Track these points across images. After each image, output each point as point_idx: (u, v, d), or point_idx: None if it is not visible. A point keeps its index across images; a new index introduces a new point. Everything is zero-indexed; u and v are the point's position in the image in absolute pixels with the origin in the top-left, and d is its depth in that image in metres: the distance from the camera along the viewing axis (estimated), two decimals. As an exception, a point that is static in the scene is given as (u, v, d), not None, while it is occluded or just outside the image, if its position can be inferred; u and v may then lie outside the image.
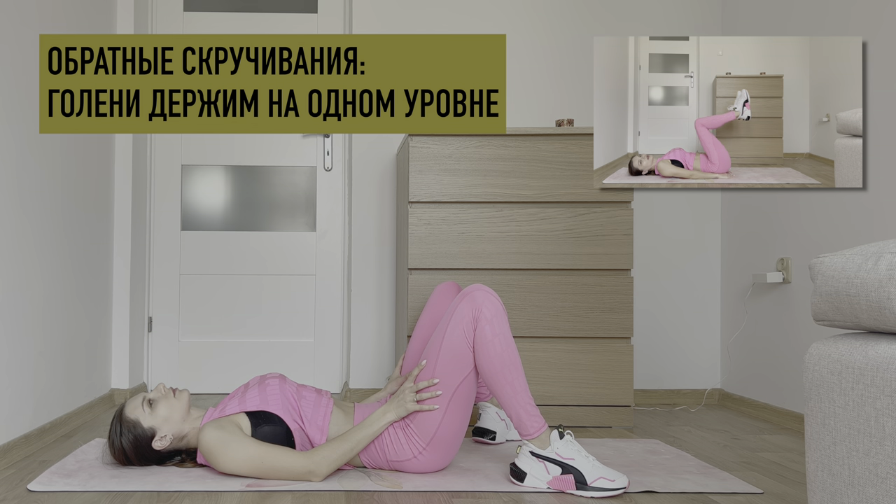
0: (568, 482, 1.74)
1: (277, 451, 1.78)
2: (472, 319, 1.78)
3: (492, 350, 1.77)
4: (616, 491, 1.72)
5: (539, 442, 1.77)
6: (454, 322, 1.80)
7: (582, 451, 1.77)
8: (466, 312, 1.79)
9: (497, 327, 1.78)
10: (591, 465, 1.74)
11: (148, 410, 1.87)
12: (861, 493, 1.06)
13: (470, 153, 2.51)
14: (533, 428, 1.77)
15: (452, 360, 1.79)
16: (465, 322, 1.79)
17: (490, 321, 1.78)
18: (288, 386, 1.93)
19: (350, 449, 1.80)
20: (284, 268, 3.19)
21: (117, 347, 2.90)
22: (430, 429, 1.81)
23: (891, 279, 1.03)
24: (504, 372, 1.76)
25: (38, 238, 2.21)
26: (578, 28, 3.06)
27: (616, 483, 1.72)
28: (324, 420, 1.88)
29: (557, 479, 1.75)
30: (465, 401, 1.83)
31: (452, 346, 1.79)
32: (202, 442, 1.79)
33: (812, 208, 2.47)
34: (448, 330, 1.80)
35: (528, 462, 1.78)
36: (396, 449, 1.84)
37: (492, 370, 1.77)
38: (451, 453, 1.87)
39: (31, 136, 2.15)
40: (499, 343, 1.77)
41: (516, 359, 1.79)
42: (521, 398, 1.77)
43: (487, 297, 1.80)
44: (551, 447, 1.76)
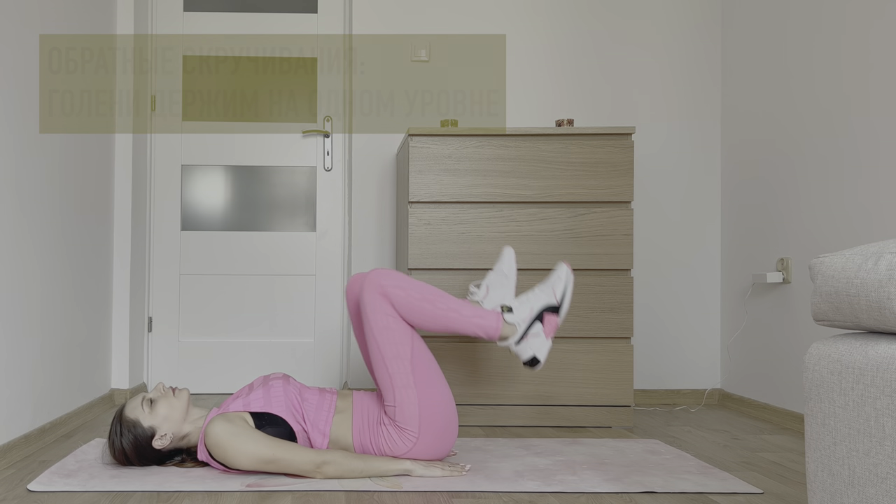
0: (551, 321, 1.88)
1: (287, 445, 1.79)
2: (381, 297, 1.84)
3: (415, 303, 1.84)
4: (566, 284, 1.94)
5: (508, 331, 1.88)
6: (370, 312, 1.85)
7: (531, 297, 1.92)
8: (372, 296, 1.85)
9: (402, 283, 1.85)
10: (545, 293, 1.92)
11: (147, 410, 1.87)
12: (861, 493, 1.06)
13: (470, 153, 2.51)
14: (494, 329, 1.87)
15: (392, 343, 1.85)
16: (377, 303, 1.84)
17: (394, 285, 1.84)
18: (291, 387, 1.94)
19: (360, 470, 1.81)
20: (284, 268, 3.19)
21: (117, 347, 2.90)
22: (412, 411, 1.85)
23: (891, 279, 1.03)
24: (438, 310, 1.85)
25: (38, 238, 2.21)
26: (579, 28, 3.06)
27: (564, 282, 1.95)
28: (325, 424, 1.89)
29: (546, 328, 1.89)
30: (426, 368, 1.87)
31: (383, 331, 1.85)
32: (210, 434, 1.78)
33: (812, 208, 2.47)
34: (371, 322, 1.85)
35: (524, 348, 1.89)
36: (391, 446, 1.87)
37: (428, 317, 1.85)
38: (447, 435, 1.90)
39: (30, 137, 2.15)
40: (415, 292, 1.85)
41: (436, 291, 1.87)
42: (465, 315, 1.87)
43: (376, 273, 1.87)
44: (517, 326, 1.89)
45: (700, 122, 3.07)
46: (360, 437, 1.90)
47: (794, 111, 2.57)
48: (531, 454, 2.10)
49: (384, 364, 1.85)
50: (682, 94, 3.07)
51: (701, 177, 3.06)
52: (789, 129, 2.60)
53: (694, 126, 3.07)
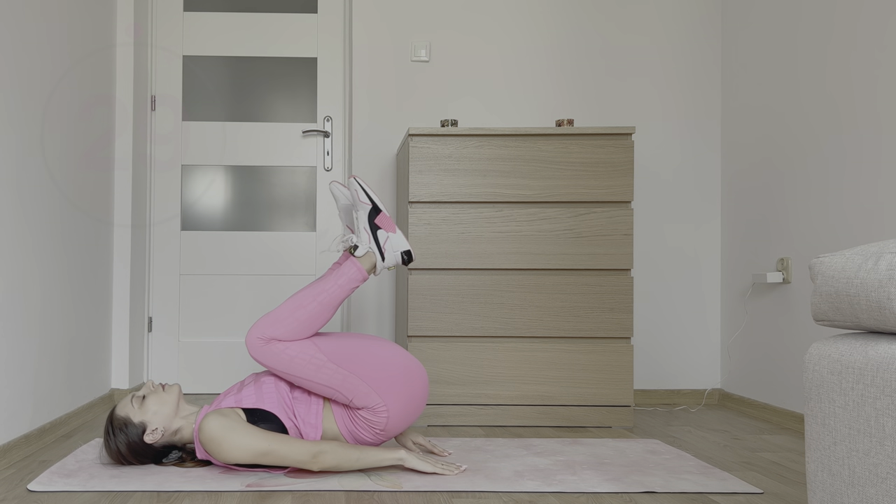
0: (382, 219, 2.00)
1: (282, 437, 1.80)
2: (265, 345, 1.88)
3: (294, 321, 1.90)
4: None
5: (369, 260, 1.97)
6: (270, 364, 1.89)
7: (356, 223, 2.01)
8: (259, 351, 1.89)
9: (272, 318, 1.90)
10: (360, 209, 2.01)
11: (137, 406, 1.88)
12: (861, 493, 1.06)
13: (470, 153, 2.51)
14: (358, 271, 1.96)
15: (304, 365, 1.88)
16: (267, 352, 1.88)
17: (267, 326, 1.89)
18: (282, 384, 1.95)
19: (356, 459, 1.82)
20: (284, 268, 3.19)
21: (117, 347, 2.90)
22: (364, 391, 1.88)
23: (891, 279, 1.03)
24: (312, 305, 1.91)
25: (39, 238, 2.21)
26: (579, 28, 3.06)
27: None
28: (316, 418, 1.90)
29: (384, 226, 2.00)
30: (343, 352, 1.90)
31: (290, 364, 1.88)
32: (204, 430, 1.79)
33: (812, 208, 2.47)
34: (278, 369, 1.89)
35: (391, 258, 1.99)
36: (371, 424, 1.91)
37: (312, 318, 1.91)
38: (411, 383, 1.93)
39: (31, 137, 2.15)
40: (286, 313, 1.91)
41: (297, 296, 1.93)
42: (331, 286, 1.94)
43: (249, 333, 1.90)
44: (370, 251, 1.98)
45: (700, 122, 3.07)
46: (346, 426, 1.93)
47: (794, 111, 2.57)
48: (531, 454, 2.10)
49: (315, 382, 1.88)
50: (682, 93, 3.06)
51: (701, 177, 3.06)
52: (789, 129, 2.60)
53: (694, 126, 3.07)
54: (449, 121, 2.59)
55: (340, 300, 1.95)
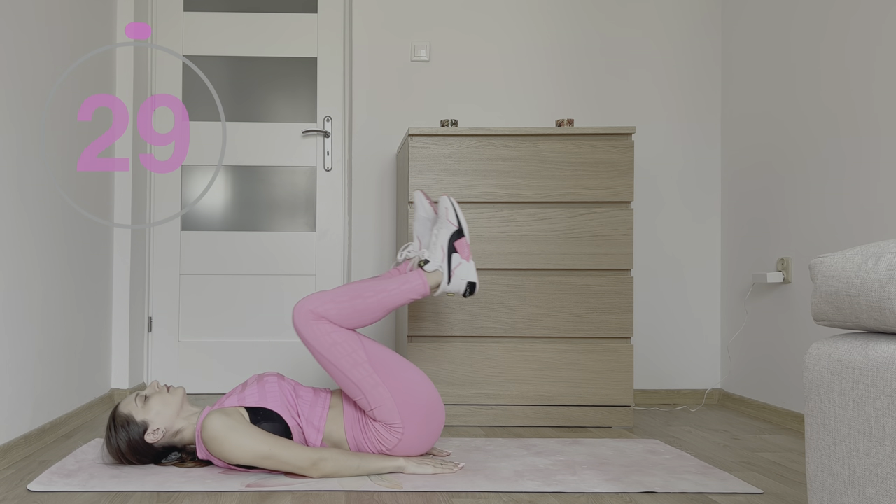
0: (462, 245, 1.99)
1: (283, 442, 1.79)
2: (314, 321, 1.87)
3: (348, 307, 1.89)
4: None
5: (436, 278, 1.97)
6: (312, 340, 1.88)
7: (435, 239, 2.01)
8: (307, 325, 1.88)
9: (328, 297, 1.89)
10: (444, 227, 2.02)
11: (140, 405, 1.89)
12: (861, 493, 1.06)
13: (470, 153, 2.51)
14: (422, 285, 1.95)
15: (344, 355, 1.87)
16: (314, 329, 1.87)
17: (322, 303, 1.88)
18: (286, 384, 1.95)
19: (356, 467, 1.83)
20: (284, 268, 3.19)
21: (117, 347, 2.90)
22: (389, 406, 1.87)
23: (891, 279, 1.03)
24: (370, 300, 1.90)
25: (39, 238, 2.21)
26: (579, 28, 3.06)
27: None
28: (320, 420, 1.90)
29: (461, 253, 1.98)
30: (385, 362, 1.90)
31: (331, 349, 1.87)
32: (207, 428, 1.79)
33: (812, 208, 2.47)
34: (317, 347, 1.88)
35: (456, 283, 1.99)
36: (381, 440, 1.89)
37: (366, 311, 1.90)
38: (432, 419, 1.92)
39: (31, 137, 2.15)
40: (343, 297, 1.90)
41: (358, 284, 1.93)
42: (393, 290, 1.93)
43: (301, 303, 1.89)
44: (440, 270, 1.97)
45: (700, 122, 3.07)
46: (353, 434, 1.92)
47: (794, 111, 2.57)
48: (531, 454, 2.10)
49: (347, 377, 1.88)
50: (682, 93, 3.06)
51: (701, 177, 3.06)
52: (789, 130, 2.60)
53: (694, 126, 3.07)
54: (449, 121, 2.59)
55: (396, 306, 1.94)
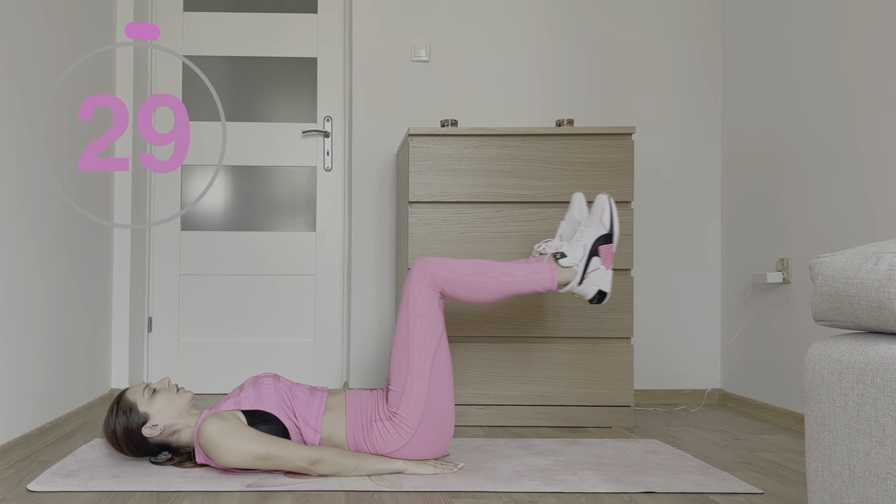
0: (607, 251, 1.91)
1: (281, 442, 1.79)
2: (429, 286, 1.85)
3: (469, 280, 1.85)
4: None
5: (567, 275, 1.89)
6: (412, 298, 1.86)
7: (581, 235, 1.93)
8: (419, 283, 1.86)
9: (451, 266, 1.86)
10: (593, 227, 1.93)
11: (147, 397, 1.89)
12: (861, 494, 1.06)
13: (470, 153, 2.51)
14: (549, 280, 1.88)
15: (422, 332, 1.85)
16: (422, 291, 1.85)
17: (444, 269, 1.85)
18: (282, 385, 1.95)
19: (355, 467, 1.82)
20: (284, 268, 3.19)
21: (117, 347, 2.90)
22: (417, 404, 1.85)
23: (891, 279, 1.03)
24: (492, 279, 1.86)
25: (39, 238, 2.21)
26: (579, 28, 3.06)
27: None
28: (316, 420, 1.89)
29: (603, 259, 1.90)
30: (442, 370, 1.88)
31: (419, 318, 1.85)
32: (203, 433, 1.79)
33: (812, 208, 2.47)
34: (410, 306, 1.86)
35: (587, 287, 1.91)
36: (386, 441, 1.87)
37: (485, 289, 1.86)
38: (441, 438, 1.90)
39: (31, 136, 2.15)
40: (466, 269, 1.86)
41: (484, 262, 1.88)
42: (519, 276, 1.88)
43: (424, 260, 1.88)
44: (574, 268, 1.89)
45: (700, 122, 3.06)
46: (354, 433, 1.90)
47: (794, 111, 2.57)
48: (531, 454, 2.10)
49: (408, 349, 1.86)
50: (682, 93, 3.06)
51: (701, 176, 3.06)
52: (789, 129, 2.60)
53: (694, 126, 3.07)
54: (449, 121, 2.59)
55: (517, 293, 1.90)
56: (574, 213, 2.08)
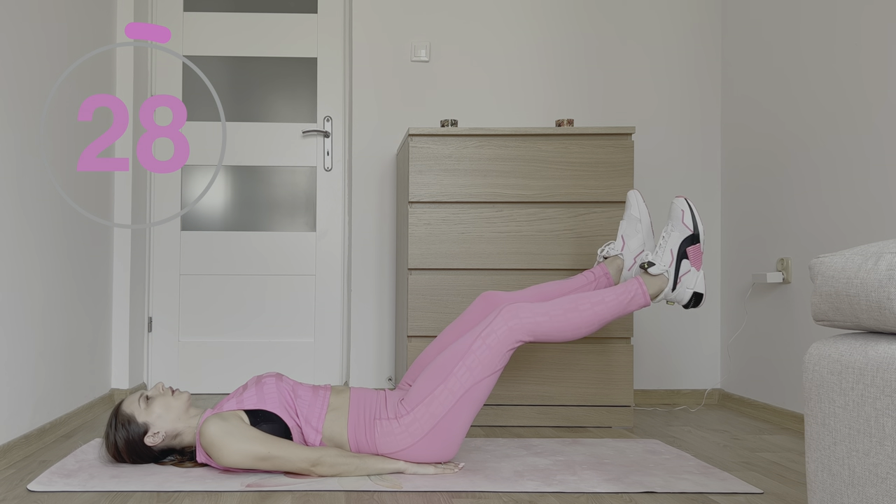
0: (695, 252, 1.88)
1: (282, 442, 1.79)
2: (513, 330, 1.81)
3: (562, 320, 1.81)
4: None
5: (658, 284, 1.86)
6: (491, 336, 1.81)
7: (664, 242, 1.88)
8: (504, 326, 1.81)
9: (540, 310, 1.81)
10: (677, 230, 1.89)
11: (144, 406, 1.89)
12: (861, 494, 1.06)
13: (470, 153, 2.51)
14: (642, 295, 1.85)
15: (479, 362, 1.81)
16: (504, 333, 1.80)
17: (534, 314, 1.81)
18: (284, 384, 1.94)
19: (356, 467, 1.82)
20: (284, 268, 3.19)
21: (117, 347, 2.90)
22: (436, 412, 1.82)
23: (891, 279, 1.03)
24: (585, 312, 1.82)
25: (39, 238, 2.21)
26: (578, 28, 3.06)
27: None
28: (318, 419, 1.89)
29: (693, 261, 1.88)
30: (475, 401, 1.85)
31: (486, 350, 1.81)
32: (205, 434, 1.79)
33: (812, 208, 2.47)
34: (483, 337, 1.82)
35: (681, 292, 1.89)
36: (388, 440, 1.85)
37: (581, 324, 1.82)
38: (449, 449, 1.88)
39: (31, 137, 2.15)
40: (557, 310, 1.82)
41: (571, 298, 1.83)
42: (610, 301, 1.83)
43: (517, 307, 1.83)
44: (665, 276, 1.86)
45: (700, 122, 3.07)
46: (356, 432, 1.88)
47: (794, 111, 2.57)
48: (531, 454, 2.10)
49: (455, 364, 1.82)
50: (682, 93, 3.07)
51: (701, 176, 3.06)
52: (790, 129, 2.60)
53: (694, 126, 3.07)
54: (449, 121, 2.59)
55: (611, 319, 1.84)
56: (632, 210, 2.05)
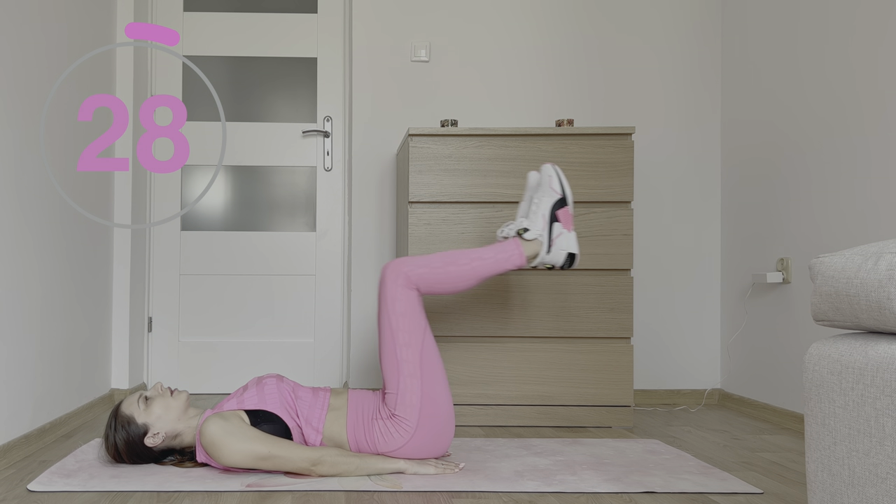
0: (565, 214, 1.95)
1: (282, 442, 1.79)
2: (404, 285, 1.86)
3: (441, 272, 1.88)
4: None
5: (534, 248, 1.93)
6: (390, 299, 1.87)
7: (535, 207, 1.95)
8: (394, 284, 1.87)
9: (422, 261, 1.89)
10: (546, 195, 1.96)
11: (143, 407, 1.89)
12: (861, 494, 1.06)
13: (470, 153, 2.51)
14: (518, 255, 1.92)
15: (406, 330, 1.86)
16: (399, 291, 1.86)
17: (416, 265, 1.87)
18: (285, 385, 1.95)
19: (356, 467, 1.82)
20: (284, 268, 3.19)
21: (117, 347, 2.90)
22: (413, 401, 1.85)
23: (891, 279, 1.03)
24: (464, 266, 1.89)
25: (38, 238, 2.21)
26: (578, 28, 3.06)
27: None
28: (318, 420, 1.89)
29: (563, 223, 1.94)
30: (433, 364, 1.89)
31: (401, 317, 1.86)
32: (205, 433, 1.79)
33: (812, 208, 2.47)
34: (390, 307, 1.87)
35: (556, 254, 1.94)
36: (386, 440, 1.87)
37: (459, 278, 1.89)
38: (442, 435, 1.90)
39: (30, 136, 2.15)
40: (437, 262, 1.89)
41: (453, 252, 1.92)
42: (488, 258, 1.90)
43: (396, 262, 1.90)
44: (539, 239, 1.94)
45: (700, 122, 3.07)
46: (355, 433, 1.90)
47: (794, 111, 2.57)
48: (531, 454, 2.10)
49: (395, 350, 1.87)
50: (682, 93, 3.06)
51: (701, 176, 3.06)
52: (790, 129, 2.60)
53: (694, 126, 3.07)
54: (449, 121, 2.59)
55: (490, 275, 1.92)
56: (529, 192, 2.12)
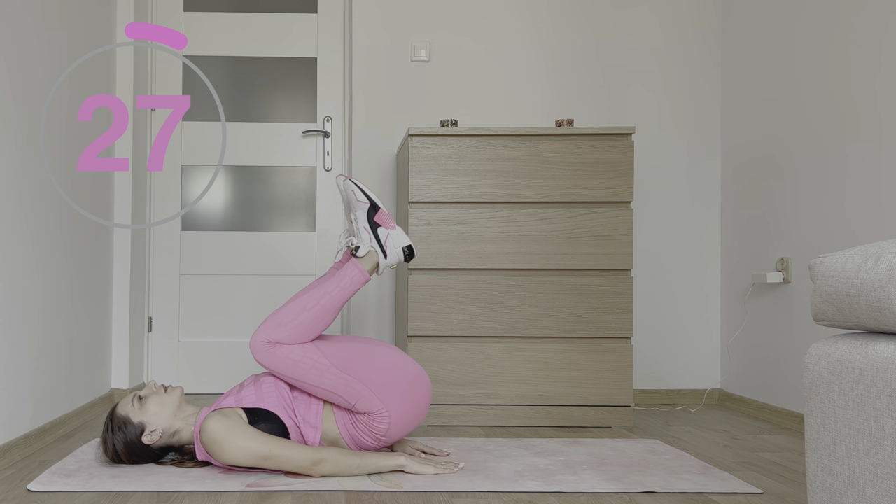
0: (381, 216, 1.99)
1: (283, 442, 1.79)
2: (269, 350, 1.88)
3: (297, 324, 1.89)
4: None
5: (371, 260, 1.96)
6: (274, 368, 1.89)
7: (355, 224, 2.01)
8: (264, 355, 1.88)
9: (276, 322, 1.89)
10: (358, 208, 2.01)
11: (137, 406, 1.89)
12: (861, 493, 1.06)
13: (470, 153, 2.51)
14: (360, 273, 1.95)
15: (307, 369, 1.87)
16: (272, 357, 1.88)
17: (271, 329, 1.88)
18: (282, 384, 1.95)
19: (357, 466, 1.83)
20: (284, 268, 3.19)
21: (117, 347, 2.90)
22: (368, 396, 1.87)
23: (891, 279, 1.03)
24: (315, 309, 1.90)
25: (39, 238, 2.21)
26: (579, 28, 3.06)
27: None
28: (316, 418, 1.90)
29: (384, 224, 1.98)
30: (347, 356, 1.90)
31: (294, 368, 1.87)
32: (206, 430, 1.79)
33: (812, 208, 2.47)
34: (281, 373, 1.89)
35: (392, 255, 1.97)
36: (372, 430, 1.90)
37: (315, 321, 1.89)
38: (417, 393, 1.93)
39: (31, 136, 2.15)
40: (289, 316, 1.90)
41: (300, 298, 1.92)
42: (334, 290, 1.93)
43: (253, 337, 1.89)
44: (372, 250, 1.97)
45: (700, 122, 3.07)
46: (347, 428, 1.92)
47: (794, 112, 2.57)
48: (531, 454, 2.10)
49: (318, 387, 1.88)
50: (682, 93, 3.07)
51: (701, 176, 3.06)
52: (790, 129, 2.60)
53: (694, 125, 3.07)
54: (449, 121, 2.59)
55: (343, 302, 1.94)
56: (343, 198, 2.14)
